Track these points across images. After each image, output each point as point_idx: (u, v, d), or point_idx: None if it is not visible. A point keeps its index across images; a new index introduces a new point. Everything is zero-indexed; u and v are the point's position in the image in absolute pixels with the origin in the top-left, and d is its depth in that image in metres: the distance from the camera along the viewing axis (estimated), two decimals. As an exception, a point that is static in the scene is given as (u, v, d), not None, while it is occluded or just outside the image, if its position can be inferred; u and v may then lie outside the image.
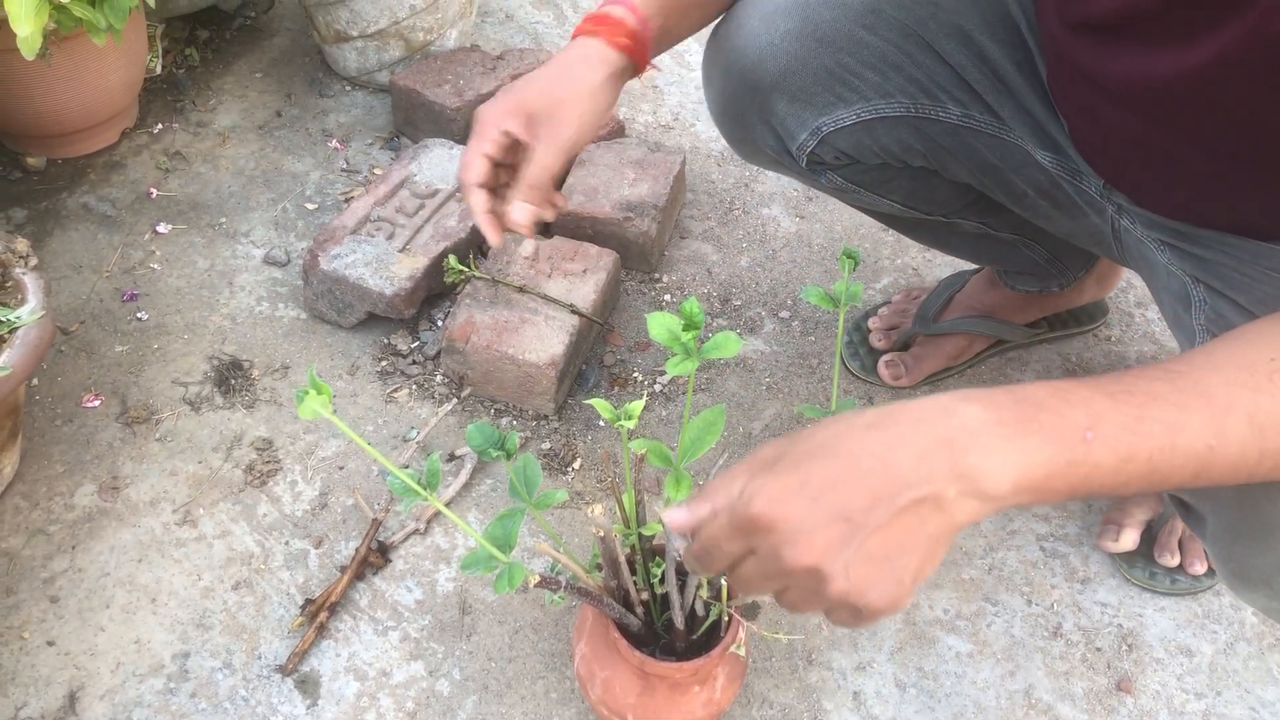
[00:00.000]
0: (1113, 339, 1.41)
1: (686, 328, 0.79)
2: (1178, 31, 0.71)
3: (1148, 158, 0.84)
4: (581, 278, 1.32)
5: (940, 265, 1.50)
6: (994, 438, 0.56)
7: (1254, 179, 0.76)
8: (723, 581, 0.87)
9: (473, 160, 0.97)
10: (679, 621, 0.90)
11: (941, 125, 0.98)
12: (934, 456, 0.55)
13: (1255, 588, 0.79)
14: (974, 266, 1.38)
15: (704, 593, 0.89)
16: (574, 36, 0.96)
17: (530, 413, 1.28)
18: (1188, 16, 0.70)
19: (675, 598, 0.88)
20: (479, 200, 0.99)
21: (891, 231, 1.55)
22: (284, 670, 1.05)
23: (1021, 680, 1.08)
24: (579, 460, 1.24)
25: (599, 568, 0.92)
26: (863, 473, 0.56)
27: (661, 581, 0.89)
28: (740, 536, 0.59)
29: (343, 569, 1.12)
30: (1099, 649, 1.11)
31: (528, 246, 1.33)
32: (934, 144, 0.99)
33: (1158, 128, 0.79)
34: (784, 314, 1.43)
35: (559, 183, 1.34)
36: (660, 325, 0.80)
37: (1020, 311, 1.32)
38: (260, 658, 1.06)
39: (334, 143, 1.63)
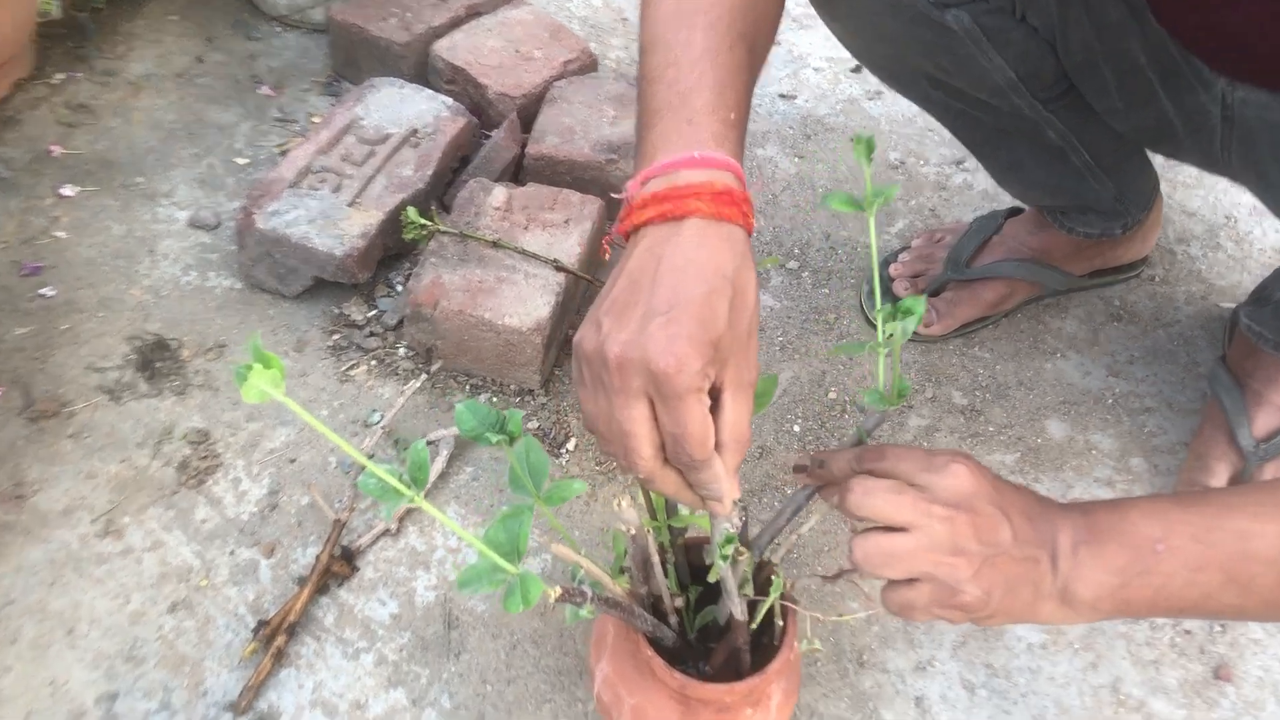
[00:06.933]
0: (1157, 279, 1.27)
1: None
2: None
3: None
4: (564, 229, 1.14)
5: (958, 205, 1.35)
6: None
7: None
8: (776, 573, 0.71)
9: (708, 431, 0.61)
10: (738, 612, 0.72)
11: None
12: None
13: None
14: (1008, 206, 1.22)
15: (748, 590, 0.73)
16: (702, 214, 0.64)
17: (513, 387, 1.11)
18: None
19: (730, 583, 0.71)
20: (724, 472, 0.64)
21: (904, 169, 1.39)
22: (236, 709, 0.87)
23: (1106, 673, 0.93)
24: (573, 440, 1.07)
25: (622, 570, 0.75)
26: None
27: (705, 569, 0.71)
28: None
29: (301, 581, 0.94)
30: (1188, 632, 0.96)
31: (498, 195, 1.15)
32: None
33: None
34: (792, 264, 1.26)
35: None
36: None
37: (1070, 259, 1.17)
38: (206, 695, 0.88)
39: (265, 89, 1.43)
